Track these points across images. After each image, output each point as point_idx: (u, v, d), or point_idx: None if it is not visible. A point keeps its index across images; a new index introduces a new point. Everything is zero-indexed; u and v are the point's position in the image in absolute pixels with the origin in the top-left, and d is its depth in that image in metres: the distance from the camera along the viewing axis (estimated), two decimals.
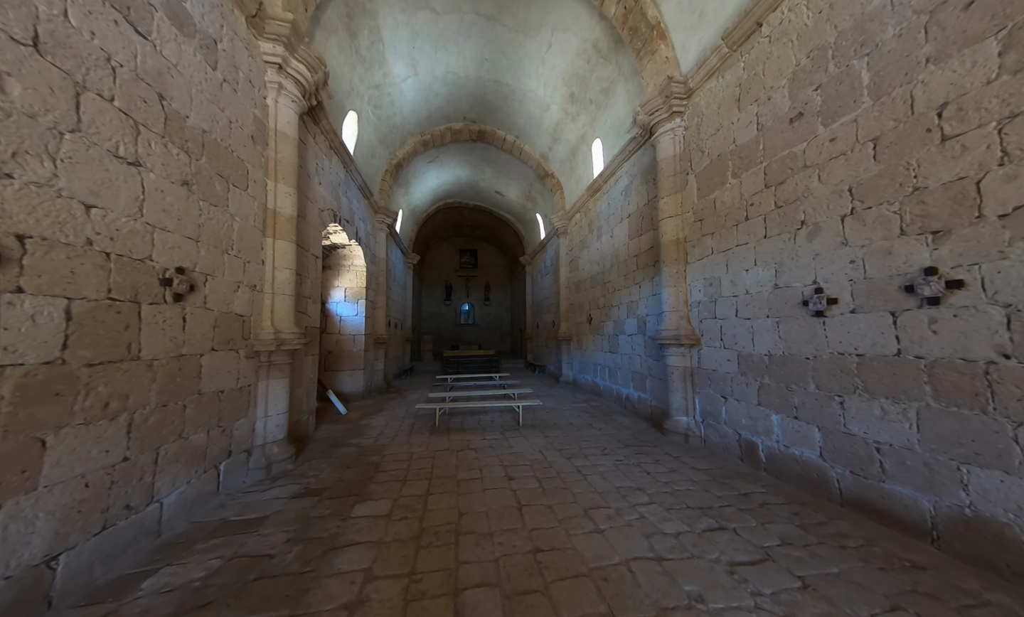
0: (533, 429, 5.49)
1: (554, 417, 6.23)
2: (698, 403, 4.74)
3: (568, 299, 10.46)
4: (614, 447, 4.58)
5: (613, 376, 7.42)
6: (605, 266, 7.88)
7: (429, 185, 12.84)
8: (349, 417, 6.40)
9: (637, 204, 6.43)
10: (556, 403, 7.49)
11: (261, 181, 3.87)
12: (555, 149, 9.70)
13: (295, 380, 4.64)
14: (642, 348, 6.24)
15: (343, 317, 8.07)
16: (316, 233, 5.40)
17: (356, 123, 7.27)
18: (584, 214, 9.18)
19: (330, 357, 7.91)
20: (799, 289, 3.33)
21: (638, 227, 6.42)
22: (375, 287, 9.23)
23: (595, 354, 8.42)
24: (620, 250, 7.13)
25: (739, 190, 4.07)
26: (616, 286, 7.31)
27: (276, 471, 3.78)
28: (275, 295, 3.98)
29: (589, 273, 8.87)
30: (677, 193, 5.12)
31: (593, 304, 8.57)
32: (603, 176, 7.66)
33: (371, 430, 5.53)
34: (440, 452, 4.46)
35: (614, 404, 7.27)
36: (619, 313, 7.16)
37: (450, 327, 21.67)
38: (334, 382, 7.87)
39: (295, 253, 4.26)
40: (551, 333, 12.27)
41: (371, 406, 7.33)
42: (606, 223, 7.82)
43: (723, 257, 4.31)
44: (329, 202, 5.94)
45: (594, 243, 8.55)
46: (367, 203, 8.45)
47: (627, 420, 5.99)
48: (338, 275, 8.08)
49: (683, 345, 4.84)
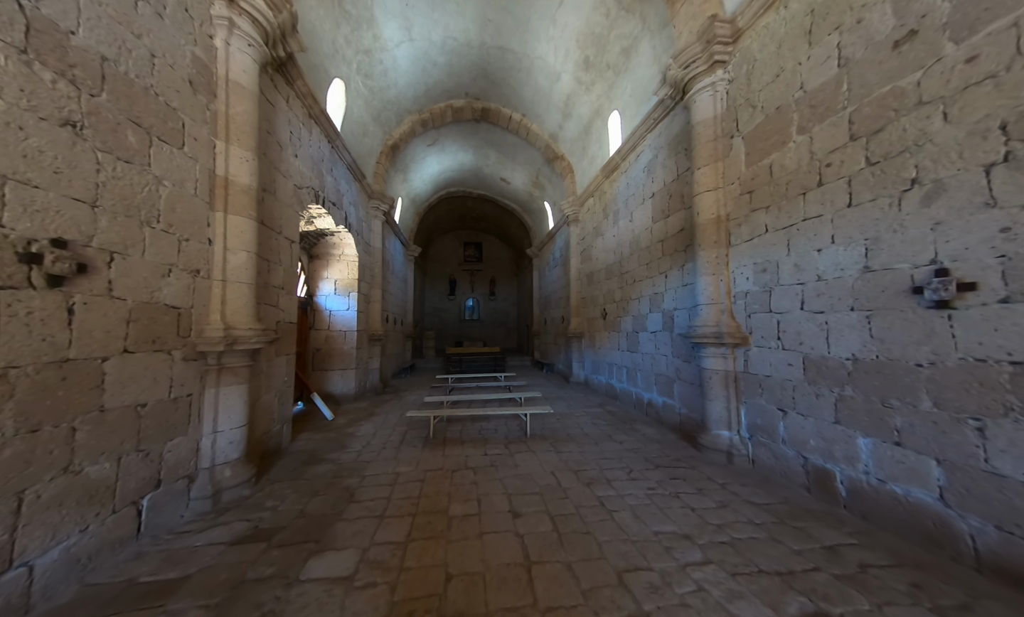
0: (543, 441, 4.71)
1: (566, 426, 5.44)
2: (744, 415, 3.91)
3: (579, 292, 9.62)
4: (642, 468, 3.78)
5: (632, 378, 6.60)
6: (623, 254, 7.02)
7: (430, 171, 12.04)
8: (335, 424, 5.69)
9: (663, 181, 5.55)
10: (567, 408, 6.70)
11: (206, 140, 3.11)
12: (566, 127, 8.81)
13: (260, 385, 3.91)
14: (668, 347, 5.40)
15: (333, 312, 7.35)
16: (291, 213, 4.65)
17: (344, 94, 6.49)
18: (598, 198, 8.30)
19: (318, 355, 7.21)
20: (906, 272, 2.47)
21: (664, 207, 5.55)
22: (369, 279, 8.50)
23: (611, 353, 7.59)
24: (641, 235, 6.27)
25: (808, 149, 3.19)
26: (636, 276, 6.46)
27: (227, 500, 3.06)
28: (227, 283, 3.24)
29: (603, 263, 8.01)
30: (717, 162, 4.25)
31: (608, 298, 7.73)
32: (621, 153, 6.78)
33: (356, 441, 4.80)
34: (432, 472, 3.70)
35: (633, 410, 6.45)
36: (639, 307, 6.32)
37: (454, 323, 20.97)
38: (323, 383, 7.17)
39: (256, 233, 3.51)
40: (560, 329, 11.45)
41: (362, 410, 6.62)
42: (624, 206, 6.95)
43: (782, 235, 3.45)
44: (309, 179, 5.18)
45: (609, 230, 7.69)
46: (359, 186, 7.69)
47: (651, 431, 5.17)
48: (327, 265, 7.35)
49: (724, 344, 4.00)
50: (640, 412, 6.22)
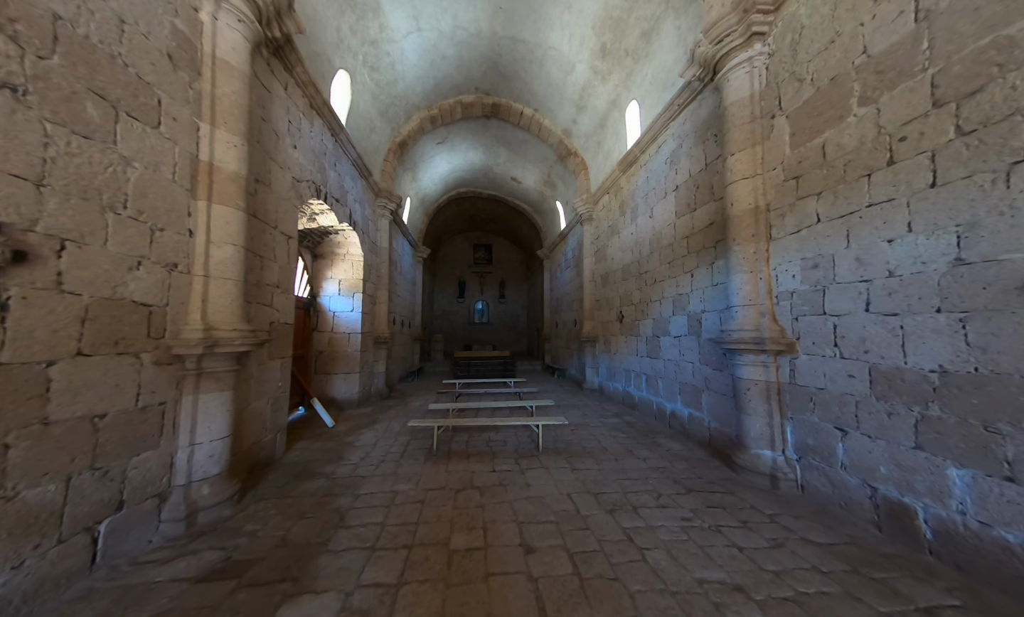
0: (556, 456, 4.27)
1: (582, 438, 4.99)
2: (791, 434, 3.40)
3: (593, 294, 9.16)
4: (672, 492, 3.31)
5: (652, 386, 6.10)
6: (642, 253, 6.56)
7: (439, 171, 11.79)
8: (335, 431, 5.37)
9: (688, 172, 5.09)
10: (582, 417, 6.24)
11: (187, 121, 2.82)
12: (580, 121, 8.41)
13: (249, 391, 3.60)
14: (695, 353, 4.90)
15: (336, 313, 7.08)
16: (289, 207, 4.37)
17: (349, 87, 6.24)
18: (614, 195, 7.86)
19: (321, 358, 6.94)
20: (1019, 264, 1.98)
21: (689, 201, 5.08)
22: (375, 280, 8.22)
23: (628, 358, 7.10)
24: (663, 232, 5.80)
25: (874, 122, 2.71)
26: (657, 276, 5.98)
27: (203, 522, 2.73)
28: (210, 279, 2.93)
29: (620, 263, 7.55)
30: (755, 145, 3.78)
31: (625, 299, 7.25)
32: (640, 145, 6.34)
33: (354, 451, 4.45)
34: (433, 492, 3.31)
35: (654, 420, 5.95)
36: (661, 309, 5.84)
37: (463, 326, 20.68)
38: (325, 387, 6.89)
39: (245, 225, 3.21)
40: (572, 333, 10.99)
41: (365, 416, 6.30)
42: (643, 202, 6.49)
43: (839, 225, 2.96)
44: (309, 172, 4.91)
45: (627, 227, 7.23)
46: (365, 184, 7.43)
47: (677, 446, 4.67)
48: (331, 265, 7.10)
49: (765, 351, 3.51)
50: (662, 423, 5.71)
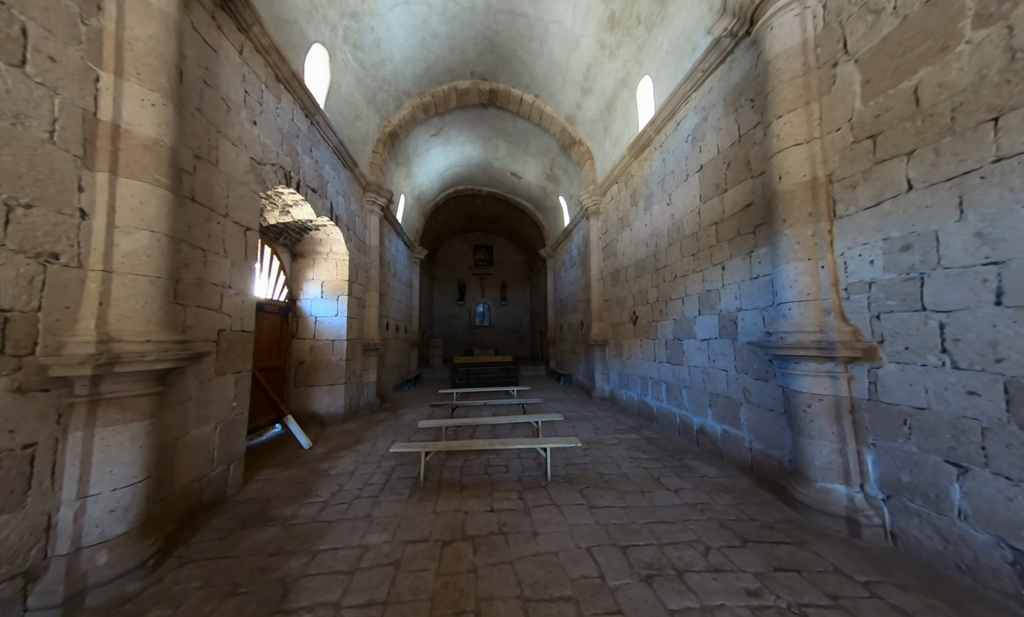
0: (568, 488, 3.53)
1: (597, 461, 4.24)
2: (873, 465, 2.64)
3: (602, 294, 8.43)
4: (723, 543, 2.56)
5: (674, 396, 5.35)
6: (659, 246, 5.82)
7: (435, 167, 11.14)
8: (311, 455, 4.65)
9: (716, 147, 4.37)
10: (594, 432, 5.49)
11: (77, 66, 2.13)
12: (585, 106, 7.72)
13: (184, 417, 2.89)
14: (729, 359, 4.15)
15: (319, 318, 6.39)
16: (246, 193, 3.68)
17: (328, 64, 5.58)
18: (624, 183, 7.14)
19: (302, 369, 6.24)
20: None
21: (718, 181, 4.35)
22: (364, 282, 7.53)
23: (644, 364, 6.35)
24: (685, 220, 5.07)
25: (1002, 45, 1.98)
26: (678, 271, 5.24)
27: (94, 603, 2.01)
28: (114, 275, 2.23)
29: (632, 258, 6.82)
30: (810, 103, 3.06)
31: (640, 298, 6.51)
32: (655, 124, 5.63)
33: (327, 483, 3.73)
34: (414, 547, 2.58)
35: (678, 437, 5.19)
36: (684, 309, 5.09)
37: (464, 330, 19.98)
38: (306, 401, 6.18)
39: (171, 208, 2.52)
40: (579, 336, 10.25)
41: (348, 434, 5.57)
42: (659, 188, 5.77)
43: (945, 191, 2.23)
44: (276, 155, 4.23)
45: (639, 219, 6.51)
46: (350, 176, 6.76)
47: (712, 471, 3.91)
48: (312, 265, 6.41)
49: (833, 358, 2.77)
50: (688, 440, 4.95)
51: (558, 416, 5.04)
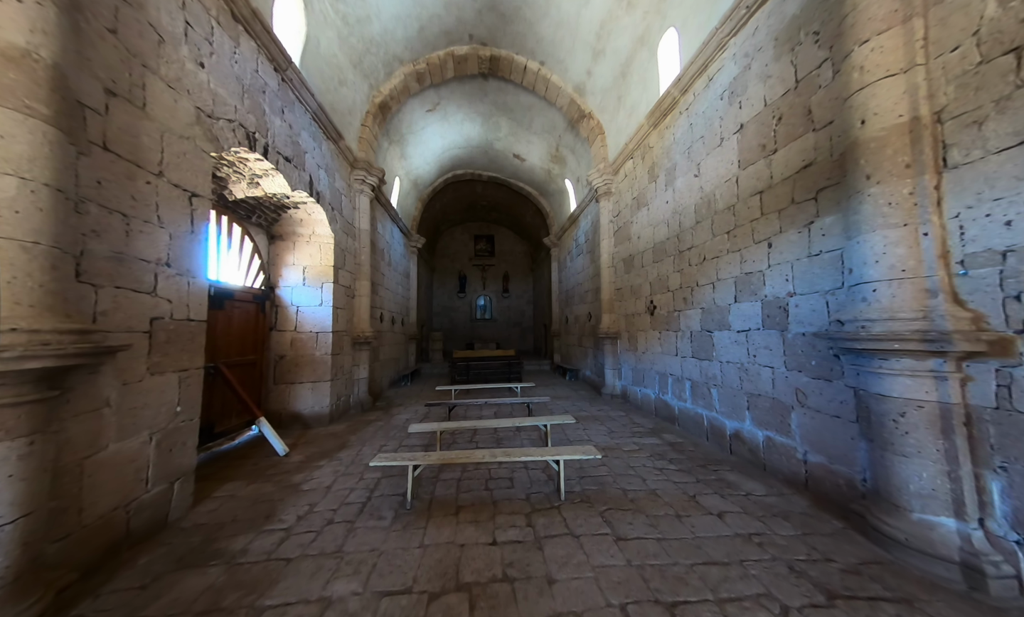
0: (587, 510, 2.90)
1: (618, 474, 3.60)
2: (1001, 496, 1.99)
3: (613, 282, 7.74)
4: (800, 599, 1.91)
5: (701, 395, 4.69)
6: (683, 225, 5.12)
7: (432, 148, 10.39)
8: (285, 464, 4.03)
9: (763, 99, 3.65)
10: (609, 436, 4.85)
11: None
12: (596, 72, 6.95)
13: (99, 429, 2.24)
14: (777, 354, 3.48)
15: (301, 308, 5.74)
16: (190, 150, 2.99)
17: (303, 13, 4.85)
18: (641, 158, 6.41)
19: (282, 365, 5.60)
20: None
21: (765, 140, 3.64)
22: (353, 269, 6.87)
23: (662, 359, 5.69)
24: (718, 193, 4.36)
25: None
26: (708, 252, 4.55)
27: None
28: None
29: (649, 242, 6.12)
30: (910, 19, 2.34)
31: (658, 286, 5.83)
32: (681, 83, 4.89)
33: (297, 502, 3.11)
34: (391, 601, 1.95)
35: (706, 442, 4.54)
36: (714, 296, 4.41)
37: (464, 323, 19.34)
38: (287, 400, 5.56)
39: (56, 149, 1.86)
40: (586, 329, 9.59)
41: (332, 438, 4.96)
42: (685, 158, 5.05)
43: None
44: (234, 110, 3.53)
45: (659, 196, 5.79)
46: (334, 149, 6.06)
47: (758, 488, 3.27)
48: (292, 248, 5.74)
49: (942, 353, 2.10)
50: (717, 446, 4.31)
51: (568, 418, 4.40)
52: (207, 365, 4.14)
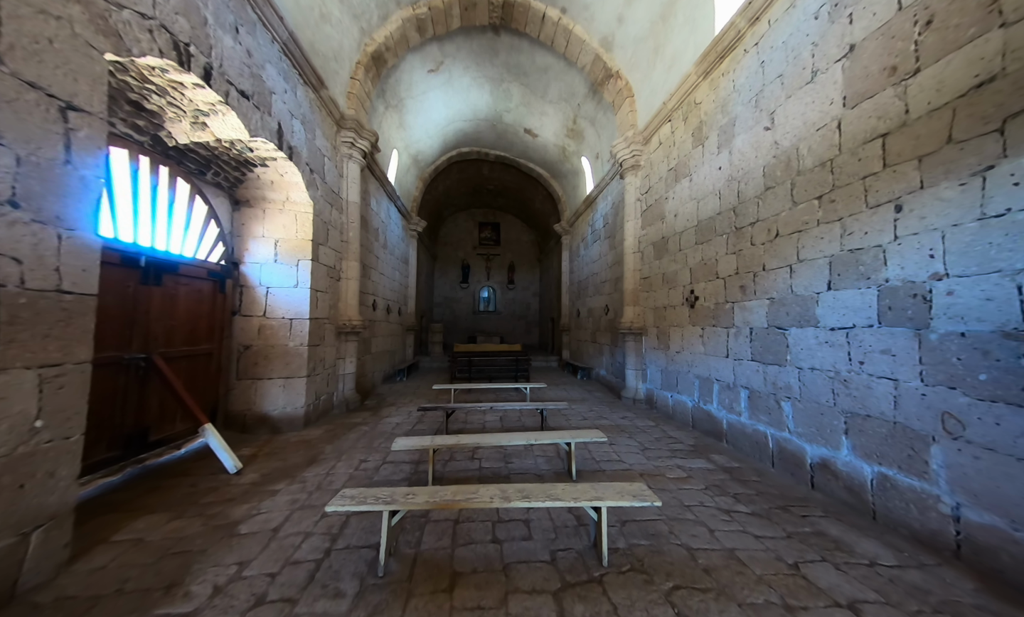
0: (644, 587, 1.93)
1: (672, 518, 2.63)
2: None
3: (638, 270, 6.72)
4: None
5: (764, 408, 3.70)
6: (742, 195, 4.09)
7: (435, 118, 9.34)
8: (232, 488, 3.11)
9: (897, 1, 2.59)
10: (643, 454, 3.88)
11: None
12: (629, 17, 5.86)
13: None
14: (908, 361, 2.48)
15: (272, 289, 4.78)
16: (58, 35, 2.00)
17: None
18: (682, 119, 5.35)
19: (247, 356, 4.67)
20: None
21: (897, 60, 2.59)
22: (339, 246, 5.90)
23: (705, 360, 4.69)
24: (804, 146, 3.33)
25: None
26: (784, 225, 3.53)
27: None
28: None
29: (690, 219, 5.09)
30: None
31: (702, 272, 4.81)
32: (750, 10, 3.82)
33: (224, 556, 2.17)
34: None
35: (770, 467, 3.56)
36: (792, 281, 3.40)
37: (467, 315, 18.41)
38: (253, 399, 4.63)
39: None
40: (603, 323, 8.60)
41: (302, 448, 4.03)
42: (750, 108, 4.00)
43: None
44: (150, 4, 2.54)
45: (707, 163, 4.75)
46: (314, 97, 5.05)
47: (876, 548, 2.29)
48: (262, 217, 4.77)
49: None
50: (790, 476, 3.32)
51: (598, 435, 3.42)
52: (136, 356, 3.21)
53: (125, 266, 3.20)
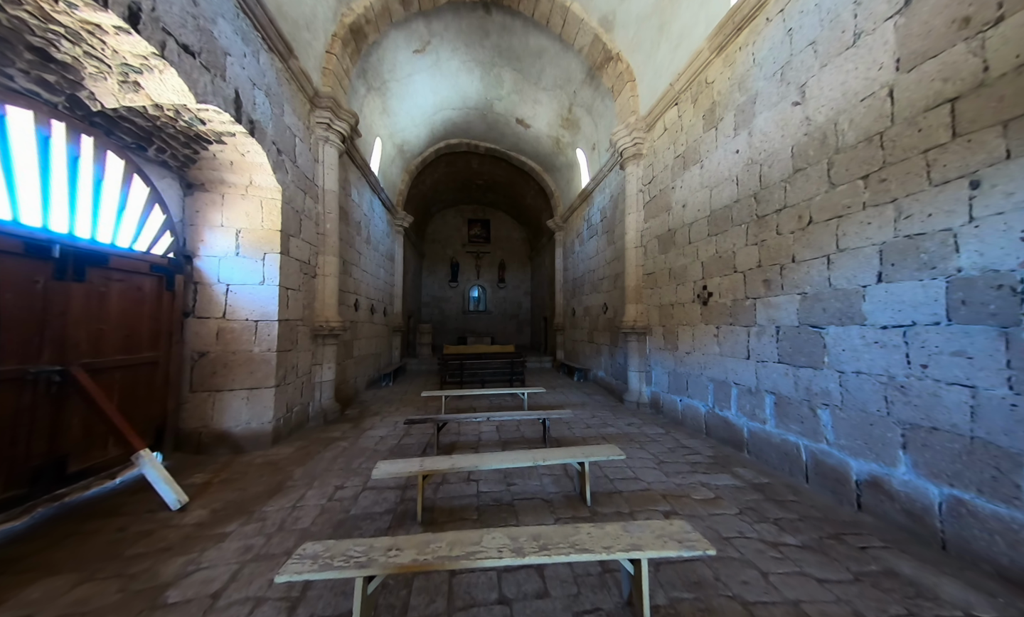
0: None
1: (717, 561, 2.18)
2: None
3: (640, 265, 6.32)
4: None
5: (794, 416, 3.31)
6: (766, 179, 3.70)
7: (421, 105, 8.75)
8: (170, 530, 2.51)
9: None
10: (658, 468, 3.44)
11: None
12: None
13: None
14: (989, 364, 2.09)
15: (232, 287, 4.15)
16: None
17: None
18: (691, 101, 4.95)
19: (204, 365, 4.02)
20: None
21: (971, 9, 2.20)
22: (314, 239, 5.28)
23: (721, 362, 4.30)
24: (844, 120, 2.93)
25: None
26: (819, 211, 3.13)
27: None
28: None
29: (702, 209, 4.70)
30: None
31: (717, 265, 4.42)
32: None
33: None
34: None
35: (804, 483, 3.17)
36: (830, 273, 3.01)
37: (456, 315, 17.81)
38: (211, 415, 3.98)
39: None
40: (599, 323, 8.19)
41: (266, 473, 3.42)
42: (774, 84, 3.61)
43: None
44: None
45: (721, 147, 4.36)
46: (280, 66, 4.43)
47: (963, 593, 1.88)
48: (220, 204, 4.13)
49: None
50: (830, 493, 2.93)
51: (615, 451, 2.96)
52: (48, 369, 2.58)
53: (30, 257, 2.56)
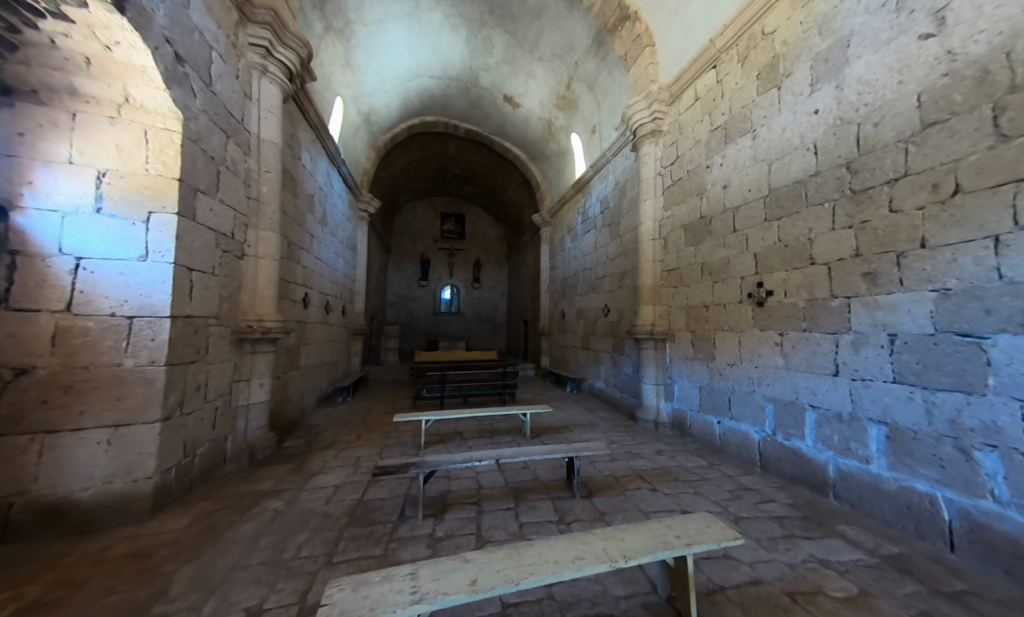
0: None
1: None
2: None
3: (659, 260, 5.40)
4: None
5: (921, 457, 2.43)
6: (866, 143, 2.84)
7: (393, 65, 7.33)
8: None
9: None
10: (737, 526, 2.41)
11: None
12: None
13: None
14: None
15: (87, 261, 2.57)
16: None
17: None
18: (738, 61, 4.08)
19: (22, 389, 2.40)
20: None
21: None
22: (241, 204, 3.75)
23: (785, 377, 3.40)
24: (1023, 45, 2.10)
25: None
26: (966, 176, 2.28)
27: None
28: None
29: (755, 188, 3.83)
30: None
31: (776, 257, 3.54)
32: None
33: None
34: None
35: (951, 553, 2.28)
36: (999, 261, 2.16)
37: (426, 317, 16.22)
38: (32, 472, 2.37)
39: None
40: (598, 326, 7.22)
41: (119, 581, 1.92)
42: (881, 17, 2.77)
43: None
44: None
45: (785, 111, 3.51)
46: None
47: None
48: (68, 127, 2.55)
49: None
50: (995, 568, 2.04)
51: (727, 533, 1.88)
52: None
53: None
